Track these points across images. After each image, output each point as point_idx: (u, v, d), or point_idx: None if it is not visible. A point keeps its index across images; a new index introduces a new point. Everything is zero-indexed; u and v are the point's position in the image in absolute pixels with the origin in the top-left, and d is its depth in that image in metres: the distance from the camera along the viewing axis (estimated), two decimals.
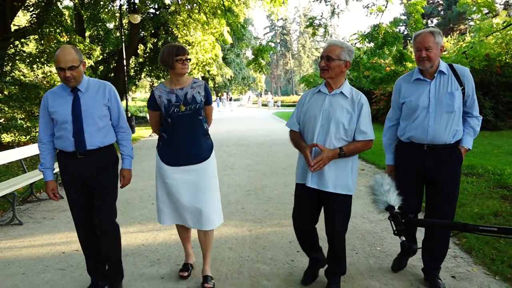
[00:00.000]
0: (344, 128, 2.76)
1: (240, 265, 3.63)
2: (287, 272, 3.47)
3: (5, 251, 4.13)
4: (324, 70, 2.79)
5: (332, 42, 2.87)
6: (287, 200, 5.66)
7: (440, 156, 2.91)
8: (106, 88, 3.00)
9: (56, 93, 2.94)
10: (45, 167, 3.00)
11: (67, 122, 2.84)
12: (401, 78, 3.16)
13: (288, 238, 4.23)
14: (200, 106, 3.13)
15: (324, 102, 2.82)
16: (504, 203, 5.05)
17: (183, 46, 3.11)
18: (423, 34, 2.87)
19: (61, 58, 2.75)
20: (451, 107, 2.84)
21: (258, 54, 13.25)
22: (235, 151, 11.01)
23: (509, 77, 14.27)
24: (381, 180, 2.05)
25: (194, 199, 3.12)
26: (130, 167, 3.18)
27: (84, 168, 2.92)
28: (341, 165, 2.80)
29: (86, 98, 2.90)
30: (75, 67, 2.78)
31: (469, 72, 2.93)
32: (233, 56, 38.91)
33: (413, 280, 3.25)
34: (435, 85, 2.89)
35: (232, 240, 4.20)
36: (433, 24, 36.16)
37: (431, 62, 2.84)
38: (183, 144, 3.11)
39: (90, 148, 2.89)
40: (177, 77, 3.08)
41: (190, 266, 3.43)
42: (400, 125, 3.12)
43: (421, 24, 11.76)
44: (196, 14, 16.05)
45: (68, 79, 2.78)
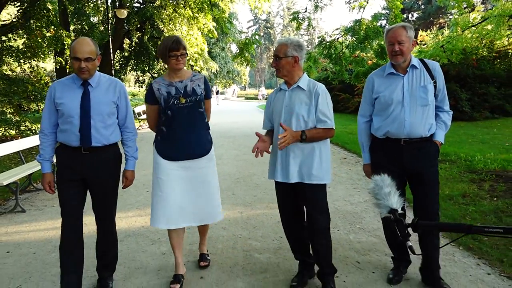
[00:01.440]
0: (304, 120, 2.82)
1: (234, 241, 4.01)
2: (277, 246, 3.88)
3: (13, 235, 4.44)
4: (276, 69, 2.90)
5: (279, 41, 2.93)
6: (273, 186, 6.03)
7: (417, 150, 2.92)
8: (117, 85, 2.95)
9: (65, 84, 2.86)
10: (44, 158, 2.93)
11: (74, 116, 2.77)
12: (373, 73, 3.14)
13: (276, 219, 4.62)
14: (201, 99, 3.10)
15: (284, 97, 2.90)
16: (472, 185, 5.54)
17: (179, 39, 3.00)
18: (395, 28, 2.88)
19: (78, 49, 2.70)
20: (425, 100, 2.86)
21: (244, 47, 13.54)
22: (223, 142, 11.37)
23: (484, 70, 14.91)
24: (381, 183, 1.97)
25: (191, 195, 3.09)
26: (134, 168, 3.13)
27: (87, 165, 2.85)
28: (306, 154, 2.85)
29: (96, 94, 2.84)
30: (92, 59, 2.75)
31: (439, 66, 2.97)
32: (218, 50, 39.08)
33: (388, 252, 3.68)
34: (408, 79, 2.90)
35: (225, 222, 4.57)
36: (413, 18, 36.96)
37: (403, 56, 2.85)
38: (184, 137, 3.05)
39: (95, 145, 2.83)
40: (173, 71, 3.05)
41: (182, 277, 3.18)
42: (374, 121, 3.09)
43: (401, 20, 12.17)
44: (182, 9, 16.26)
45: (82, 71, 2.72)
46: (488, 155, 7.20)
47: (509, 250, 3.56)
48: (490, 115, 14.25)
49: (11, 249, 3.99)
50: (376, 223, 4.42)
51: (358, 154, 8.83)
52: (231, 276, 3.28)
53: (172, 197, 3.05)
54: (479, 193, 5.17)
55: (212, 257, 3.64)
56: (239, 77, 51.15)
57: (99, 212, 3.02)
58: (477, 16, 13.25)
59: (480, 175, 5.96)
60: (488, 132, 11.16)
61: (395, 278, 3.12)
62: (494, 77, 14.93)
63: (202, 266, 3.39)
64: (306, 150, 2.85)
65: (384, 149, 3.01)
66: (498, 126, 12.31)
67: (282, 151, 2.85)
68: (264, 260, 3.58)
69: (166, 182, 3.06)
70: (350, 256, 3.60)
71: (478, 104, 14.44)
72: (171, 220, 3.06)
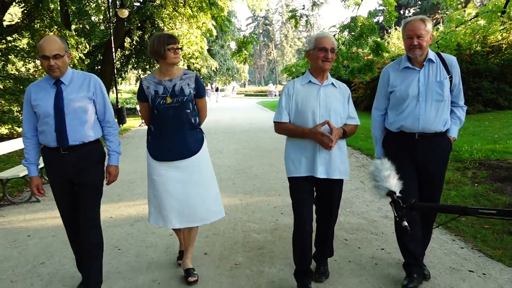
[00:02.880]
0: (340, 117, 2.85)
1: (234, 224, 4.41)
2: (273, 227, 4.27)
3: (31, 221, 4.83)
4: (330, 61, 2.80)
5: (329, 34, 2.89)
6: (272, 176, 6.47)
7: (431, 145, 2.90)
8: (91, 80, 2.87)
9: (39, 85, 2.82)
10: (29, 162, 2.89)
11: (49, 116, 2.73)
12: (388, 66, 3.08)
13: (273, 205, 5.02)
14: (188, 99, 3.02)
15: (319, 93, 2.83)
16: (456, 173, 5.93)
17: (173, 34, 3.05)
18: (414, 21, 2.80)
19: (45, 46, 2.64)
20: (441, 95, 2.82)
21: (242, 46, 13.90)
22: (223, 137, 11.76)
23: (478, 64, 15.24)
24: (381, 166, 1.99)
25: (182, 195, 3.04)
26: (117, 163, 3.05)
27: (68, 165, 2.80)
28: (342, 151, 2.90)
29: (70, 91, 2.77)
30: (60, 56, 2.68)
31: (456, 61, 2.91)
32: (217, 47, 39.48)
33: (374, 231, 4.07)
34: (424, 74, 2.85)
35: (226, 207, 4.91)
36: (410, 13, 37.32)
37: (422, 50, 2.79)
38: (170, 138, 3.03)
39: (73, 144, 2.77)
40: (167, 67, 2.99)
41: None
42: (388, 115, 3.06)
43: (395, 17, 12.51)
44: (181, 8, 16.63)
45: (52, 68, 2.67)
46: (475, 145, 7.57)
47: (483, 228, 3.94)
48: (483, 109, 14.61)
49: (31, 233, 4.38)
50: (364, 207, 4.81)
51: (353, 146, 9.20)
52: (232, 252, 3.68)
53: (166, 197, 3.03)
54: (462, 180, 5.56)
55: (215, 237, 4.03)
56: (239, 74, 51.56)
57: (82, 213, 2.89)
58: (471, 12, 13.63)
59: (465, 164, 6.34)
60: (480, 125, 11.52)
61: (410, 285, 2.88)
62: (487, 71, 15.26)
63: (191, 282, 3.09)
64: (344, 145, 2.92)
65: (398, 145, 2.99)
66: (490, 119, 12.67)
67: (312, 147, 2.80)
68: (261, 239, 3.97)
69: (159, 182, 3.05)
70: (339, 235, 3.98)
71: (471, 98, 14.77)
72: (167, 220, 3.08)
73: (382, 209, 4.70)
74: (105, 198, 5.32)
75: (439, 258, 3.40)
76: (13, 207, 5.51)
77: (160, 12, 17.89)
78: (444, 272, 3.15)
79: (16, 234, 4.42)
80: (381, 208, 4.75)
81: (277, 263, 3.42)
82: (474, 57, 15.47)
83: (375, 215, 4.49)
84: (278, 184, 6.02)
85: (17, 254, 3.85)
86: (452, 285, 2.94)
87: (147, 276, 3.29)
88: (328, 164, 2.81)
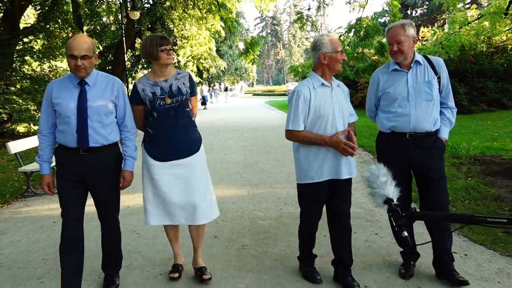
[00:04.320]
0: (347, 115, 2.94)
1: (242, 212, 4.79)
2: (277, 215, 4.65)
3: (54, 210, 5.23)
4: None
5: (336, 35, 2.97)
6: (277, 171, 6.86)
7: (423, 144, 2.94)
8: (115, 84, 2.87)
9: (61, 83, 2.79)
10: (43, 159, 2.86)
11: (71, 116, 2.70)
12: (377, 70, 3.17)
13: (278, 196, 5.40)
14: (187, 97, 3.05)
15: (331, 95, 2.86)
16: (452, 168, 6.26)
17: (165, 35, 3.03)
18: (393, 28, 2.91)
19: (75, 46, 2.62)
20: (430, 95, 2.89)
21: (249, 47, 14.29)
22: (231, 135, 12.15)
23: (482, 64, 15.47)
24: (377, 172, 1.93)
25: (186, 193, 3.04)
26: (132, 169, 3.01)
27: (86, 166, 2.78)
28: None
29: (93, 93, 2.77)
30: (88, 57, 2.66)
31: (443, 62, 3.00)
32: (226, 48, 39.90)
33: (370, 218, 4.42)
34: (412, 75, 2.93)
35: (234, 198, 5.35)
36: (417, 14, 37.46)
37: (403, 55, 2.88)
38: (172, 138, 3.01)
39: (94, 146, 2.76)
40: (161, 68, 2.97)
41: (180, 267, 3.32)
42: (379, 117, 3.13)
43: (399, 19, 12.79)
44: (191, 10, 17.07)
45: (79, 69, 2.65)
46: (473, 143, 7.88)
47: None
48: (487, 108, 14.83)
49: (56, 220, 4.80)
50: (363, 198, 5.16)
51: None
52: (239, 236, 4.06)
53: (170, 195, 3.03)
54: (456, 174, 5.90)
55: (223, 223, 4.41)
56: (247, 74, 51.94)
57: (101, 213, 3.01)
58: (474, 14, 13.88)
59: (461, 160, 6.67)
60: (482, 124, 11.78)
61: (408, 273, 3.09)
62: (491, 71, 15.48)
63: (205, 279, 3.13)
64: None
65: (389, 145, 3.05)
66: (493, 118, 12.91)
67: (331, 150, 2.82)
68: (266, 225, 4.35)
69: (162, 182, 3.02)
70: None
71: (476, 98, 15.02)
72: (173, 217, 3.09)
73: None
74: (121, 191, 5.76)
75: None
76: (36, 198, 5.94)
77: (170, 13, 18.38)
78: (430, 253, 3.49)
79: (43, 221, 4.84)
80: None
81: (280, 245, 3.80)
82: (479, 57, 15.68)
83: (372, 205, 4.83)
84: (283, 178, 6.40)
85: (45, 237, 4.27)
86: None
87: (163, 255, 3.68)
88: (349, 164, 2.89)
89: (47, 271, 3.46)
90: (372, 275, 3.19)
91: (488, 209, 4.47)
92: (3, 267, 3.58)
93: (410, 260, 3.21)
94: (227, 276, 3.23)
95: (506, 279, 3.02)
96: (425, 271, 3.21)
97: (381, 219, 4.41)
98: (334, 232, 3.05)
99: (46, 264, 3.59)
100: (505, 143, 7.78)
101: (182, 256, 3.41)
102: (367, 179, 1.97)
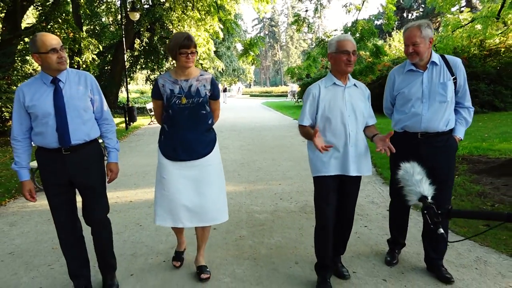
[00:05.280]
0: (364, 116, 2.93)
1: (239, 207, 5.05)
2: (273, 209, 4.91)
3: None
4: (352, 64, 2.82)
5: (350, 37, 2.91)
6: (273, 169, 7.12)
7: (434, 144, 2.97)
8: (87, 78, 2.79)
9: (32, 85, 2.67)
10: (20, 166, 2.74)
11: (49, 116, 2.62)
12: (394, 70, 3.21)
13: (273, 192, 5.66)
14: (204, 100, 3.02)
15: (344, 94, 2.88)
16: None
17: (191, 36, 2.92)
18: (410, 29, 2.91)
19: (51, 40, 2.54)
20: (444, 97, 2.90)
21: (248, 48, 14.54)
22: (229, 135, 12.42)
23: (475, 67, 15.78)
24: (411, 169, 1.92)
25: (195, 196, 3.04)
26: (117, 160, 3.01)
27: (70, 165, 2.71)
28: (367, 148, 2.99)
29: (68, 89, 2.68)
30: (63, 48, 2.63)
31: (461, 62, 3.00)
32: (224, 49, 40.18)
33: (360, 213, 4.68)
34: (427, 76, 2.95)
35: (232, 194, 5.60)
36: (413, 16, 37.90)
37: (419, 56, 2.90)
38: (184, 138, 3.01)
39: (76, 143, 2.69)
40: (181, 68, 2.98)
41: (183, 254, 3.48)
42: (394, 116, 3.19)
43: (393, 22, 13.06)
44: (190, 11, 17.33)
45: (62, 61, 2.59)
46: (463, 143, 8.16)
47: None
48: (479, 110, 15.12)
49: None
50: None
51: None
52: (237, 228, 4.32)
53: (177, 196, 3.02)
54: None
55: None
56: (244, 75, 52.23)
57: (90, 214, 2.90)
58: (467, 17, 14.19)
59: None
60: (473, 125, 12.02)
61: (393, 261, 3.36)
62: (484, 74, 15.79)
63: (203, 279, 3.18)
64: (362, 144, 2.95)
65: (402, 144, 3.00)
66: (485, 119, 13.21)
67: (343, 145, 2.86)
68: (262, 218, 4.61)
69: (170, 181, 3.03)
70: None
71: None
72: (176, 219, 3.07)
73: (369, 196, 5.32)
74: (123, 187, 6.04)
75: (413, 234, 4.00)
76: (42, 193, 6.04)
77: (169, 14, 18.64)
78: (414, 243, 3.76)
79: (49, 214, 4.98)
80: (369, 195, 5.37)
81: (275, 236, 4.06)
82: (472, 60, 16.00)
83: (362, 201, 5.09)
84: (279, 176, 6.67)
85: (53, 229, 4.40)
86: (418, 252, 3.55)
87: (166, 245, 3.93)
88: (359, 161, 2.89)
89: (57, 259, 3.69)
90: (360, 262, 3.45)
91: (471, 205, 4.74)
92: (15, 255, 3.82)
93: (395, 249, 3.46)
94: (226, 263, 3.49)
95: (483, 266, 3.29)
96: (409, 259, 3.48)
97: (371, 213, 4.67)
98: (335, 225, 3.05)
99: (56, 253, 3.82)
100: (493, 144, 8.07)
101: (185, 243, 3.55)
102: (401, 176, 1.94)
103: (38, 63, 2.62)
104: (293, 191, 5.68)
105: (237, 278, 3.23)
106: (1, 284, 3.28)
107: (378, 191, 5.59)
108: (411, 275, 3.19)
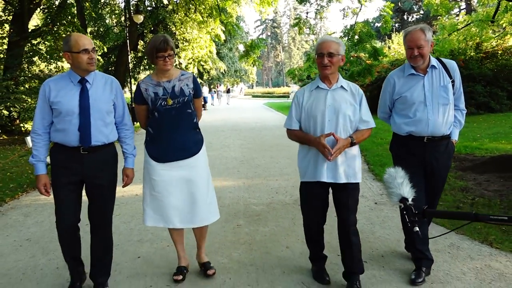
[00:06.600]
0: (350, 120, 2.82)
1: (237, 199, 5.42)
2: (269, 202, 5.28)
3: None
4: (327, 66, 2.77)
5: (328, 38, 2.87)
6: (271, 166, 7.51)
7: (438, 147, 3.01)
8: (113, 83, 2.88)
9: (59, 82, 2.73)
10: (38, 159, 2.77)
11: (72, 114, 2.66)
12: (393, 73, 3.16)
13: (270, 186, 6.04)
14: (189, 99, 3.03)
15: (326, 97, 2.83)
16: None
17: (167, 39, 2.89)
18: (413, 32, 2.90)
19: (84, 41, 2.62)
20: (447, 99, 2.93)
21: (250, 49, 14.88)
22: (230, 134, 12.81)
23: (471, 69, 16.10)
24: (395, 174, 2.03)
25: (185, 195, 3.05)
26: (133, 165, 3.06)
27: (86, 165, 2.76)
28: (351, 155, 2.87)
29: (94, 91, 2.75)
30: (95, 50, 2.72)
31: (456, 65, 3.05)
32: (226, 50, 40.62)
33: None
34: (428, 79, 2.95)
35: (231, 188, 5.98)
36: (413, 19, 38.22)
37: (423, 59, 2.90)
38: (172, 138, 3.01)
39: (95, 144, 2.75)
40: (161, 71, 2.99)
41: (185, 270, 3.28)
42: (396, 121, 3.13)
43: (390, 25, 13.38)
44: (192, 14, 17.72)
45: (92, 62, 2.67)
46: None
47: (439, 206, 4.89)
48: (475, 111, 15.44)
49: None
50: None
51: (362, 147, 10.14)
52: (235, 217, 4.69)
53: (166, 197, 3.03)
54: None
55: (221, 208, 4.91)
56: (247, 76, 52.66)
57: (96, 214, 2.92)
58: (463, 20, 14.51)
59: None
60: (468, 126, 12.35)
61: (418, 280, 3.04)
62: (481, 76, 16.10)
63: (210, 275, 3.23)
64: (352, 150, 2.87)
65: (407, 146, 3.08)
66: (480, 121, 13.52)
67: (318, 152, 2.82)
68: (259, 209, 4.98)
69: (160, 182, 3.03)
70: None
71: (464, 101, 15.62)
72: (167, 220, 3.07)
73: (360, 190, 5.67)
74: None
75: (396, 223, 4.35)
76: None
77: (172, 17, 19.03)
78: (396, 232, 4.11)
79: None
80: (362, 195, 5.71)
81: (269, 225, 4.43)
82: (469, 62, 16.30)
83: None
84: (276, 172, 7.04)
85: None
86: (398, 239, 3.90)
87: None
88: (334, 169, 2.82)
89: None
90: None
91: (454, 198, 5.09)
92: (32, 241, 4.19)
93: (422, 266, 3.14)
94: (224, 247, 3.86)
95: (455, 250, 3.64)
96: (390, 245, 3.83)
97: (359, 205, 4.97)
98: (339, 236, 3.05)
99: None
100: (483, 143, 8.41)
101: (187, 259, 3.37)
102: (385, 180, 2.09)
103: (68, 61, 2.71)
104: (289, 186, 6.03)
105: (233, 259, 3.60)
106: (21, 264, 3.65)
107: (368, 186, 5.94)
108: (389, 257, 3.56)
